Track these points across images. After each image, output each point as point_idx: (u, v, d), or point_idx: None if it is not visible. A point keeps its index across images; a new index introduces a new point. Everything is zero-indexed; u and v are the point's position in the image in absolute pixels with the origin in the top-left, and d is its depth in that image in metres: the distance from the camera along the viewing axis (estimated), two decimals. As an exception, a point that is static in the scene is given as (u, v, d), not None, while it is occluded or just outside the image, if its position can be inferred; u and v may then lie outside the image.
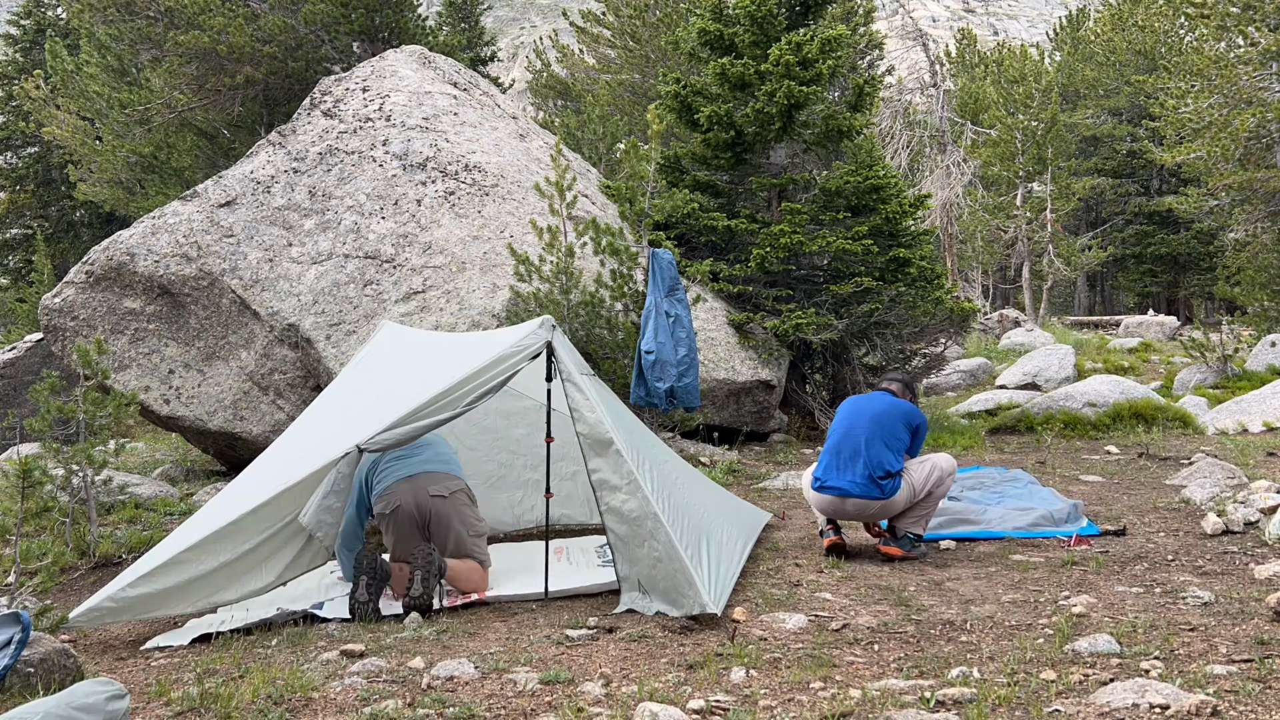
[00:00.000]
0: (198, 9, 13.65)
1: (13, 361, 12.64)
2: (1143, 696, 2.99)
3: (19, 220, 27.61)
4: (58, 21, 27.53)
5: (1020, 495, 6.52)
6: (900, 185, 10.74)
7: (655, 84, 18.23)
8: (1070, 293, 36.45)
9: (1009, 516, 5.94)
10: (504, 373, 4.67)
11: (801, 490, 6.11)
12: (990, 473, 7.45)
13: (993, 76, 31.54)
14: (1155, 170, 30.72)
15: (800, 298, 10.05)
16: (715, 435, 9.14)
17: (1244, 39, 16.49)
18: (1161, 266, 31.02)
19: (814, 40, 9.94)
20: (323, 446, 4.63)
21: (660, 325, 7.77)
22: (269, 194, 9.22)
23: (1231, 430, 9.40)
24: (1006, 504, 6.30)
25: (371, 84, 10.52)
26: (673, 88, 10.59)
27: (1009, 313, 22.90)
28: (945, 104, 21.49)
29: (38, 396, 5.82)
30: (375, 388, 5.23)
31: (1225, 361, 12.98)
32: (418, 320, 8.25)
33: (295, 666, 3.73)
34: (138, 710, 3.36)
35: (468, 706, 3.21)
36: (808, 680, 3.42)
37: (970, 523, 5.86)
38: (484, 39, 25.15)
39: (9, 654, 3.44)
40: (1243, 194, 18.22)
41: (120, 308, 8.70)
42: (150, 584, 4.26)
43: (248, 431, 8.43)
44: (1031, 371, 13.79)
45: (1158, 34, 29.17)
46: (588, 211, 9.32)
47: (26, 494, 5.23)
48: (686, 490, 5.04)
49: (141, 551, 5.75)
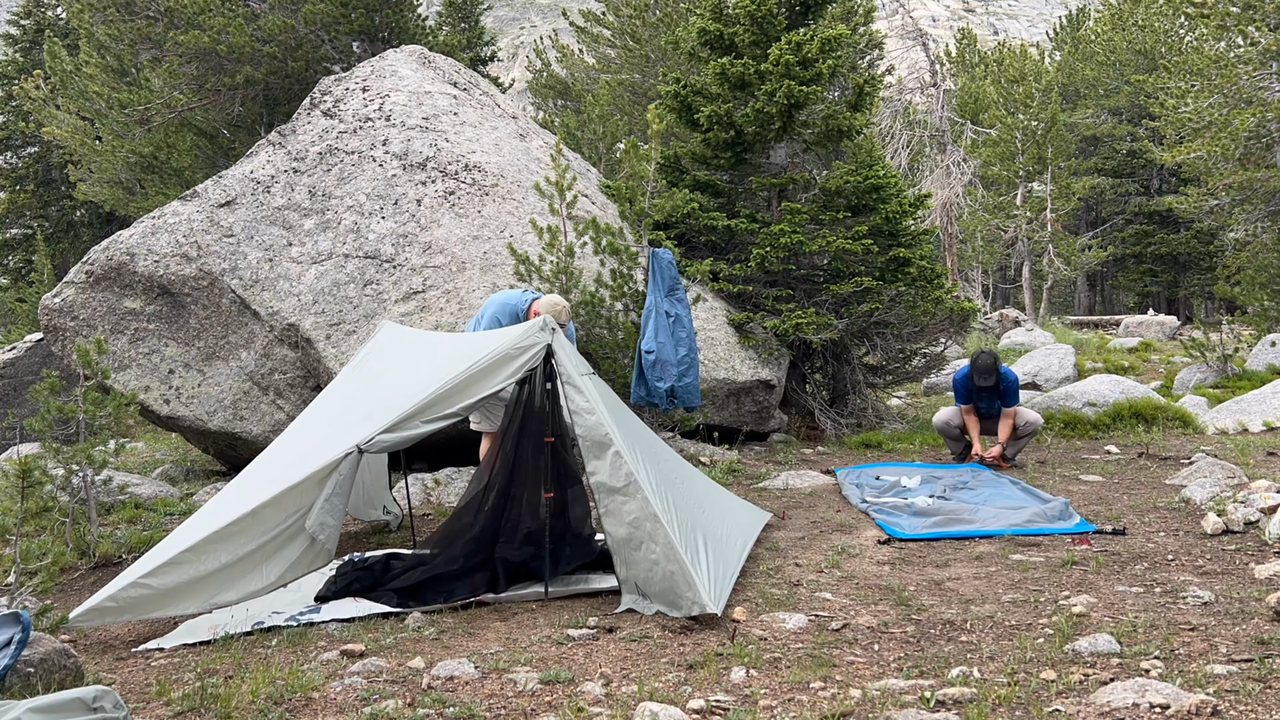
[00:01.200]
0: (198, 9, 13.64)
1: (13, 361, 12.64)
2: (1143, 696, 2.99)
3: (19, 220, 27.61)
4: (57, 21, 27.53)
5: (1008, 495, 6.55)
6: (900, 185, 10.74)
7: (655, 84, 18.22)
8: (1070, 292, 36.45)
9: (1002, 515, 5.96)
10: (505, 377, 4.68)
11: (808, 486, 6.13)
12: (963, 470, 7.56)
13: (993, 76, 31.54)
14: (1155, 170, 30.72)
15: (800, 297, 10.05)
16: (715, 435, 9.14)
17: (1244, 39, 16.47)
18: (1161, 266, 31.02)
19: (814, 40, 9.94)
20: (324, 447, 4.63)
21: (660, 325, 7.77)
22: (269, 194, 9.22)
23: (1231, 430, 9.40)
24: (996, 503, 6.33)
25: (371, 84, 10.52)
26: (673, 88, 10.59)
27: (1009, 312, 22.89)
28: (945, 104, 21.49)
29: (38, 396, 5.81)
30: (375, 389, 5.23)
31: (1225, 361, 12.98)
32: (418, 320, 8.25)
33: (295, 666, 3.73)
34: (138, 710, 3.36)
35: (468, 706, 3.21)
36: (808, 680, 3.42)
37: (965, 522, 5.87)
38: (484, 39, 25.13)
39: (9, 654, 3.44)
40: (1243, 194, 18.21)
41: (120, 308, 8.69)
42: (150, 584, 4.25)
43: (248, 431, 8.43)
44: (1031, 371, 13.79)
45: (1158, 34, 29.17)
46: (588, 211, 9.32)
47: (26, 494, 5.22)
48: (686, 490, 5.04)
49: (141, 551, 5.75)
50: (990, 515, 5.96)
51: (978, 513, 6.04)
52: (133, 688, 3.64)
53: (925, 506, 6.20)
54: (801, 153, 10.95)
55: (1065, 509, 5.94)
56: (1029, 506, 6.10)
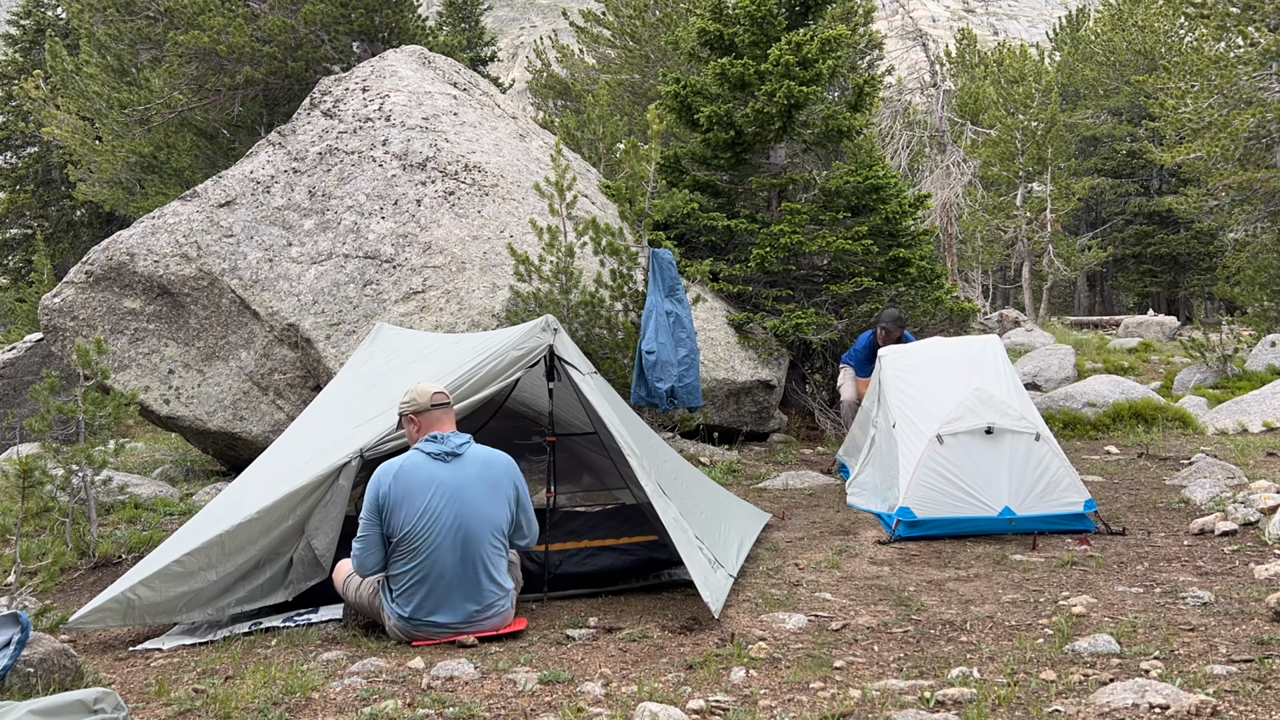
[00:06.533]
0: (197, 9, 13.64)
1: (13, 361, 12.63)
2: (1143, 696, 2.99)
3: (19, 220, 27.60)
4: (58, 21, 27.52)
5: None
6: (900, 185, 10.75)
7: (655, 84, 18.23)
8: (1070, 293, 36.46)
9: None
10: (506, 380, 4.68)
11: (808, 486, 6.10)
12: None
13: (993, 76, 31.54)
14: (1155, 170, 30.72)
15: (800, 298, 10.05)
16: (715, 435, 9.14)
17: (1244, 39, 16.48)
18: (1161, 266, 31.02)
19: (814, 40, 9.94)
20: (325, 452, 4.62)
21: (661, 325, 7.77)
22: (269, 194, 9.22)
23: (1231, 430, 9.40)
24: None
25: (371, 84, 10.52)
26: (673, 88, 10.59)
27: (1009, 313, 22.88)
28: (945, 104, 21.47)
29: (38, 396, 5.81)
30: (376, 391, 5.21)
31: (1225, 361, 12.97)
32: (417, 320, 8.25)
33: (295, 666, 3.73)
34: (138, 710, 3.35)
35: (468, 706, 3.20)
36: (807, 680, 3.42)
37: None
38: (484, 39, 25.16)
39: (9, 654, 3.44)
40: (1243, 194, 18.21)
41: (120, 308, 8.69)
42: (152, 588, 4.24)
43: (247, 431, 8.43)
44: (1031, 371, 13.78)
45: (1158, 34, 29.17)
46: (587, 211, 9.32)
47: (26, 494, 5.23)
48: (687, 490, 5.04)
49: (142, 552, 5.75)
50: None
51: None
52: (132, 688, 3.64)
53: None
54: (801, 153, 10.96)
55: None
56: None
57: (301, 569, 4.49)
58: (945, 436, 5.63)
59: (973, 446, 5.61)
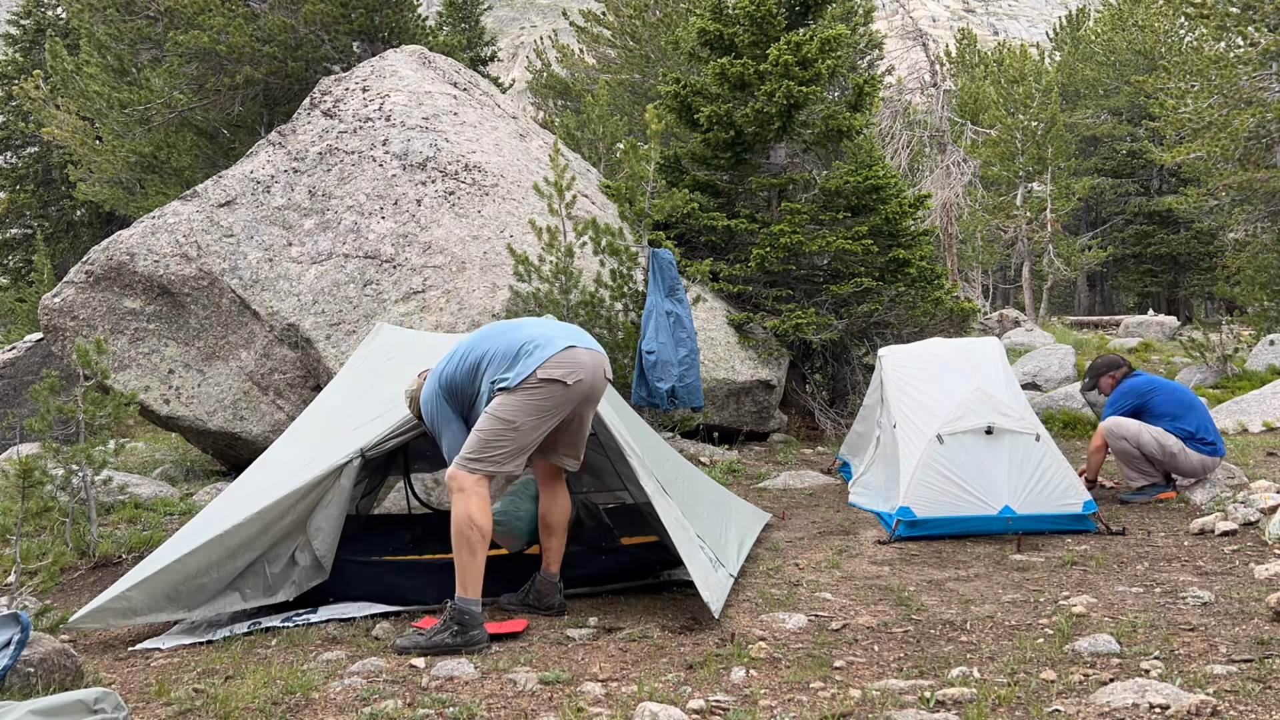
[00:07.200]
0: (197, 9, 13.64)
1: (13, 361, 12.63)
2: (1143, 696, 2.99)
3: (19, 220, 27.58)
4: (58, 21, 27.51)
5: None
6: (900, 185, 10.75)
7: (655, 84, 18.22)
8: (1070, 293, 36.47)
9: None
10: None
11: (808, 486, 6.07)
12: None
13: (993, 76, 31.55)
14: (1155, 170, 30.73)
15: (800, 298, 10.05)
16: (715, 435, 9.14)
17: (1244, 39, 16.47)
18: (1161, 266, 31.03)
19: (813, 40, 9.94)
20: (326, 453, 4.61)
21: (661, 325, 7.77)
22: (269, 194, 9.22)
23: (1231, 430, 9.39)
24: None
25: (371, 84, 10.52)
26: (672, 88, 10.60)
27: (1009, 312, 22.89)
28: (945, 104, 21.48)
29: (38, 396, 5.81)
30: (377, 391, 5.21)
31: (1225, 361, 12.97)
32: (417, 320, 8.25)
33: (295, 666, 3.73)
34: (138, 710, 3.36)
35: (468, 706, 3.20)
36: (808, 680, 3.42)
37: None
38: (484, 39, 25.12)
39: (9, 654, 3.44)
40: (1243, 194, 18.21)
41: (120, 308, 8.69)
42: (152, 587, 4.23)
43: (248, 431, 8.43)
44: (1031, 371, 13.78)
45: (1158, 34, 29.17)
46: (587, 211, 9.32)
47: (26, 494, 5.22)
48: (687, 489, 5.03)
49: (142, 552, 5.75)
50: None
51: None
52: (132, 688, 3.64)
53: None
54: (801, 153, 10.96)
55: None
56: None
57: (302, 570, 4.48)
58: (946, 436, 5.63)
59: (973, 446, 5.62)
